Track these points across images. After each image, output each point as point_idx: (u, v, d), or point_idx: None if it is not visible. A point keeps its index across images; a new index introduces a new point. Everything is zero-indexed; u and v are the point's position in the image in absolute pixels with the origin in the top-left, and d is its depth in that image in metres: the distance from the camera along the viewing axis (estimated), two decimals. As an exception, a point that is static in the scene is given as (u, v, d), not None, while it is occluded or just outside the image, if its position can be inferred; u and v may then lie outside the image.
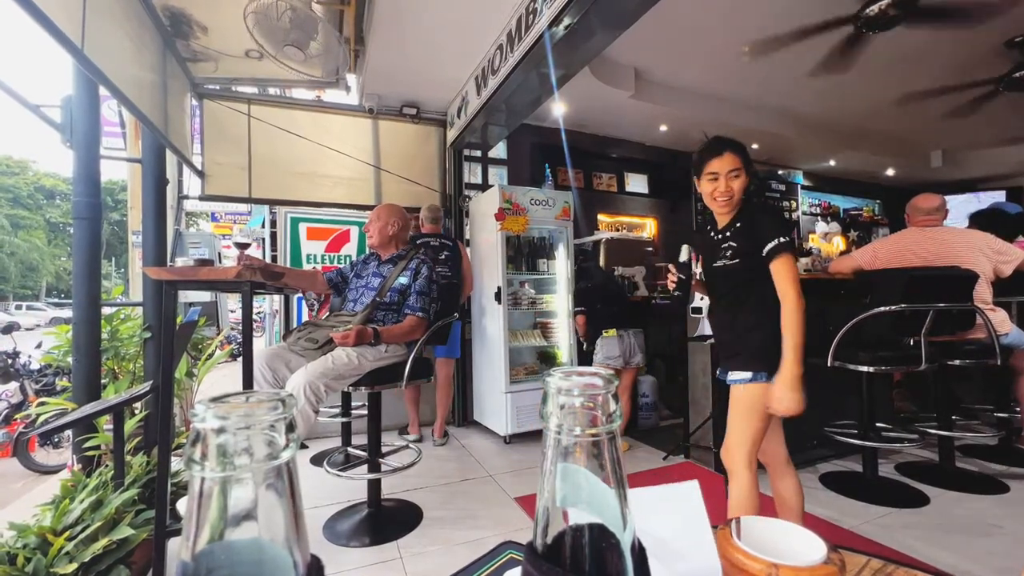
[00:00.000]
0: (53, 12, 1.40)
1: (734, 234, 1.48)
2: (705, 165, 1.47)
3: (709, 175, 1.46)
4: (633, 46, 3.48)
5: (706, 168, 1.47)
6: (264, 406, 0.23)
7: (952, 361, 2.36)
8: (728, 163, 1.43)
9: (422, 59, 3.09)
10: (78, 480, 1.74)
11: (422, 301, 2.09)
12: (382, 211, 2.23)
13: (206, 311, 4.08)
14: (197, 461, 0.21)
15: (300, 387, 1.72)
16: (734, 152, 1.44)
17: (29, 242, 28.25)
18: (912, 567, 0.53)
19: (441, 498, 2.37)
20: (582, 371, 0.28)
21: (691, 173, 1.59)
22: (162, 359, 1.60)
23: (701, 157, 1.49)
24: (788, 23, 3.29)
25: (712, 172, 1.45)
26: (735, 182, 1.44)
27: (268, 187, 3.48)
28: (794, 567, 0.41)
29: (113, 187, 26.32)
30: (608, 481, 0.26)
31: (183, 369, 2.78)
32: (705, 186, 1.49)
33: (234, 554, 0.22)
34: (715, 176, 1.45)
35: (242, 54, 2.89)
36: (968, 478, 2.46)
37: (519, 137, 4.41)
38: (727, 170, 1.43)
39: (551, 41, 2.25)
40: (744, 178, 1.44)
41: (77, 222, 2.10)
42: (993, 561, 1.74)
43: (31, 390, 3.79)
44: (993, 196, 6.46)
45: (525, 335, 3.49)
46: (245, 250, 1.93)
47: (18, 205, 28.22)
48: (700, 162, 1.49)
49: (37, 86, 9.27)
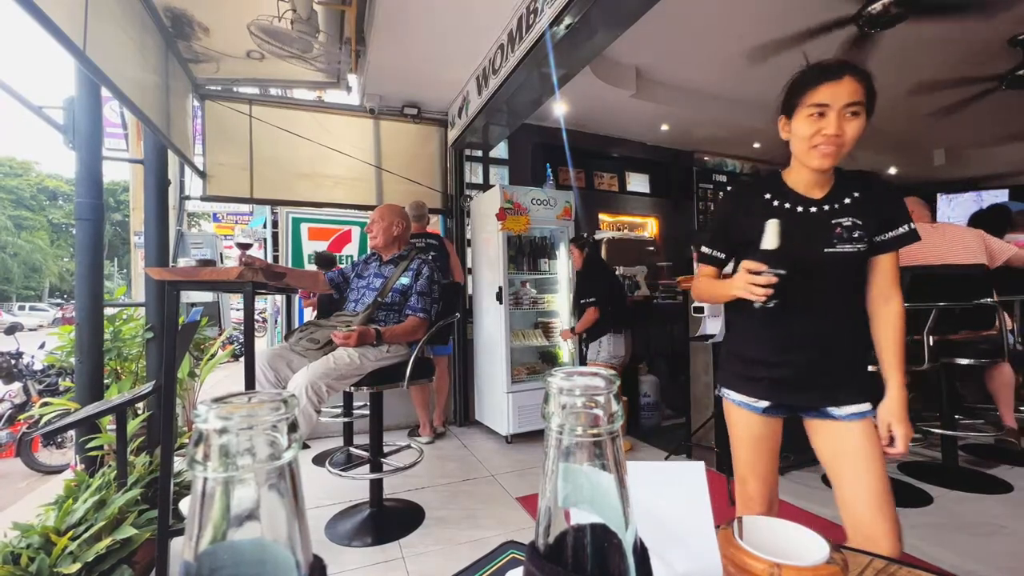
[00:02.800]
0: (55, 14, 1.40)
1: (853, 206, 1.05)
2: (808, 92, 1.02)
3: (813, 108, 1.01)
4: (634, 45, 3.48)
5: (810, 97, 1.01)
6: (266, 406, 0.23)
7: (960, 360, 2.33)
8: (847, 92, 0.98)
9: (423, 59, 3.09)
10: (81, 480, 1.74)
11: (423, 302, 2.10)
12: (385, 212, 2.23)
13: (208, 311, 4.10)
14: (200, 461, 0.21)
15: (302, 387, 1.72)
16: (857, 79, 0.99)
17: (32, 243, 28.34)
18: (915, 567, 0.53)
19: (443, 498, 2.37)
20: (583, 371, 0.28)
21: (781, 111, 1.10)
22: (164, 359, 1.60)
23: (805, 80, 1.04)
24: (789, 22, 3.28)
25: (820, 104, 1.00)
26: (852, 123, 0.99)
27: (269, 188, 3.49)
28: (797, 567, 0.40)
29: (115, 188, 26.43)
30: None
31: (185, 369, 2.78)
32: (801, 124, 1.03)
33: (237, 554, 0.22)
34: (823, 110, 1.00)
35: (243, 55, 2.89)
36: (972, 477, 2.46)
37: (520, 137, 4.40)
38: (844, 103, 0.98)
39: (552, 40, 2.25)
40: (863, 119, 1.00)
41: (80, 223, 2.11)
42: (997, 561, 1.74)
43: (34, 390, 3.80)
44: (996, 195, 6.43)
45: (526, 335, 3.49)
46: (247, 250, 1.93)
47: (21, 206, 28.32)
48: (801, 86, 1.04)
49: (39, 88, 9.29)
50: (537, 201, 3.36)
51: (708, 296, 1.23)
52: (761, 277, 0.97)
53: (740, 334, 1.21)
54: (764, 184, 1.15)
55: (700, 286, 1.25)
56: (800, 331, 1.09)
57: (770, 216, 1.03)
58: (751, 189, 1.17)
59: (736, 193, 1.20)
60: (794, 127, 1.06)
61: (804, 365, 1.09)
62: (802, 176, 1.09)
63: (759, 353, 1.14)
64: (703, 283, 1.23)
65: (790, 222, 1.03)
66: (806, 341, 1.09)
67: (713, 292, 1.19)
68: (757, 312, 1.00)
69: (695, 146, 5.55)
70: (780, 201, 1.10)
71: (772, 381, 1.11)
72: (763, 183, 1.15)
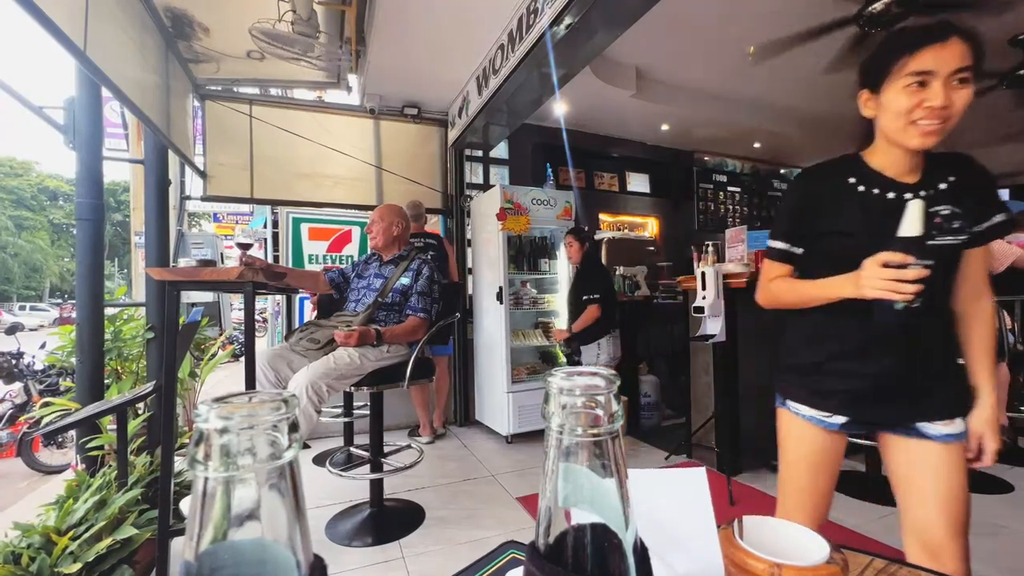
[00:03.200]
0: (55, 14, 1.41)
1: (950, 192, 0.91)
2: (905, 58, 0.85)
3: (913, 77, 0.85)
4: (634, 45, 3.48)
5: (908, 64, 0.85)
6: (267, 406, 0.23)
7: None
8: (955, 56, 0.83)
9: (423, 59, 3.09)
10: (82, 480, 1.74)
11: (424, 302, 2.10)
12: (384, 212, 2.23)
13: (209, 311, 4.10)
14: (200, 461, 0.21)
15: (302, 387, 1.72)
16: (965, 40, 0.84)
17: (33, 243, 28.37)
18: (915, 567, 0.53)
19: (443, 498, 2.37)
20: (584, 371, 0.28)
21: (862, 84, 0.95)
22: (165, 359, 1.60)
23: (901, 44, 0.87)
24: (790, 21, 3.27)
25: (922, 71, 0.84)
26: (960, 93, 0.84)
27: (270, 188, 3.49)
28: (797, 567, 0.40)
29: (116, 188, 26.43)
30: (610, 481, 0.26)
31: (186, 369, 2.78)
32: (897, 97, 0.87)
33: (237, 554, 0.22)
34: (925, 78, 0.84)
35: (243, 55, 2.89)
36: (971, 477, 2.45)
37: (520, 137, 4.41)
38: (952, 68, 0.83)
39: (552, 40, 2.25)
40: (971, 89, 0.85)
41: (80, 223, 2.11)
42: (998, 561, 1.73)
43: (35, 390, 3.81)
44: (997, 194, 6.43)
45: (527, 335, 3.49)
46: (247, 250, 1.93)
47: (22, 206, 28.34)
48: (896, 52, 0.87)
49: (40, 88, 9.31)
50: (537, 201, 3.36)
51: (795, 300, 1.03)
52: (909, 271, 0.80)
53: (808, 338, 1.05)
54: (842, 167, 0.99)
55: (778, 290, 1.05)
56: (886, 336, 0.94)
57: (855, 202, 0.92)
58: (828, 172, 1.01)
59: (810, 177, 1.04)
60: (886, 101, 0.89)
61: (891, 375, 0.95)
62: (890, 157, 0.94)
63: (835, 362, 0.99)
64: (783, 286, 1.04)
65: (880, 211, 0.90)
66: (894, 347, 0.94)
67: (806, 295, 1.00)
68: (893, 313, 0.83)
69: (695, 146, 5.55)
70: (866, 186, 0.95)
71: (851, 393, 0.98)
72: (841, 166, 1.00)
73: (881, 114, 0.92)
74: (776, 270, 1.06)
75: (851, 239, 0.94)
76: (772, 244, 1.05)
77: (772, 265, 1.07)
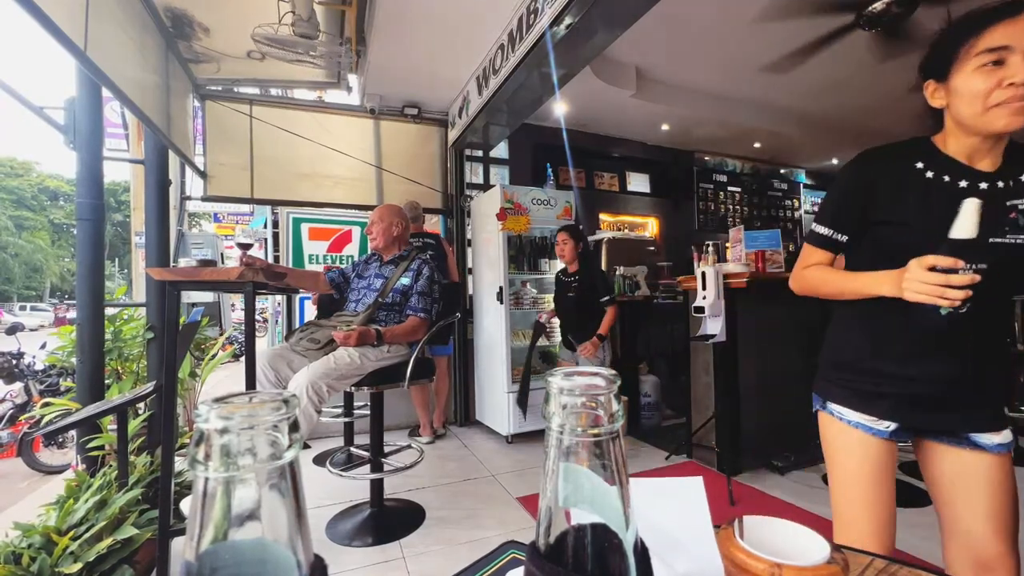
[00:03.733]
0: (55, 14, 1.41)
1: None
2: (976, 38, 0.79)
3: (987, 55, 0.77)
4: (634, 45, 3.48)
5: (980, 42, 0.78)
6: (267, 406, 0.23)
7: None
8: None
9: (423, 59, 3.09)
10: (82, 480, 1.75)
11: (424, 302, 2.10)
12: (384, 212, 2.23)
13: (209, 311, 4.09)
14: (201, 461, 0.21)
15: (303, 387, 1.72)
16: None
17: (33, 243, 28.37)
18: (915, 567, 0.53)
19: (443, 498, 2.37)
20: (584, 371, 0.28)
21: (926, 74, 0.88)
22: (165, 359, 1.60)
23: (969, 25, 0.80)
24: (790, 21, 3.27)
25: (997, 47, 0.76)
26: None
27: (270, 188, 3.49)
28: (797, 567, 0.40)
29: (116, 188, 26.43)
30: (610, 481, 0.26)
31: (186, 369, 2.78)
32: (972, 79, 0.80)
33: (238, 554, 0.22)
34: (1002, 55, 0.76)
35: (244, 55, 2.89)
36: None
37: (520, 137, 4.41)
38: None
39: (552, 40, 2.25)
40: None
41: (80, 223, 2.11)
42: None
43: (35, 391, 3.81)
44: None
45: (527, 335, 3.48)
46: (247, 250, 1.93)
47: (22, 206, 28.35)
48: (963, 34, 0.81)
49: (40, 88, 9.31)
50: (537, 201, 3.36)
51: (829, 291, 0.96)
52: (958, 276, 0.73)
53: (856, 338, 0.97)
54: (911, 150, 0.90)
55: (813, 279, 0.99)
56: (944, 338, 0.87)
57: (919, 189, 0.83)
58: (892, 154, 0.91)
59: (870, 158, 0.94)
60: (959, 86, 0.81)
61: (947, 380, 0.89)
62: (965, 144, 0.85)
63: (886, 364, 0.92)
64: (817, 274, 0.98)
65: (946, 202, 0.80)
66: (951, 351, 0.88)
67: (840, 287, 0.94)
68: (937, 318, 0.78)
69: (695, 146, 5.55)
70: (937, 173, 0.86)
71: (903, 398, 0.91)
72: (908, 148, 0.91)
73: (954, 101, 0.84)
74: (815, 256, 0.99)
75: (905, 230, 0.86)
76: (815, 228, 0.99)
77: (812, 251, 1.00)
